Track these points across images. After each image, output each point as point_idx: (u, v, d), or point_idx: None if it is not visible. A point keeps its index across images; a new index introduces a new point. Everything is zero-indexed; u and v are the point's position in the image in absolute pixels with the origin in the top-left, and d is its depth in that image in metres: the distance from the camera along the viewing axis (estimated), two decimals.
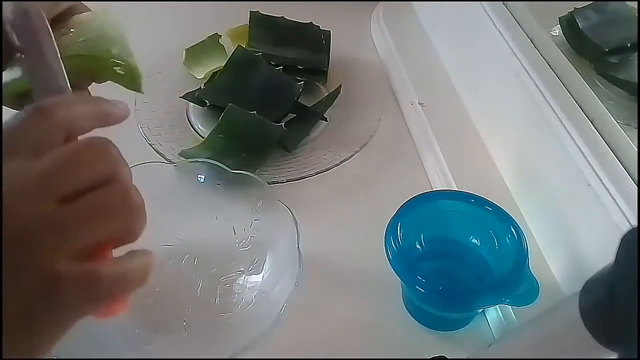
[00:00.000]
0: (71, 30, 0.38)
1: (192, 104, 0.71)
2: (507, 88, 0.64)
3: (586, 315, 0.34)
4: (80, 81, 0.38)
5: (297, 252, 0.51)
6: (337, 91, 0.72)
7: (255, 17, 0.78)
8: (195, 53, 0.76)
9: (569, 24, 0.70)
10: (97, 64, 0.38)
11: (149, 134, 0.65)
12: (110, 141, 0.30)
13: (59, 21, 0.38)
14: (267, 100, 0.69)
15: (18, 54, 0.36)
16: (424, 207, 0.53)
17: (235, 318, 0.52)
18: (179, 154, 0.63)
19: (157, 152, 0.63)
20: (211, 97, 0.69)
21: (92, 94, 0.39)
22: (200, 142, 0.66)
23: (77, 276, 0.27)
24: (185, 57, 0.76)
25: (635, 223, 0.45)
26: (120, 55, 0.38)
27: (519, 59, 0.61)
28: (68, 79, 0.35)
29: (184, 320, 0.52)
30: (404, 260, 0.48)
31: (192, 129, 0.69)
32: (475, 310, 0.52)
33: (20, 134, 0.29)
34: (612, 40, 0.67)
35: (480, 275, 0.53)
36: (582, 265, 0.51)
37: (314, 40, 0.78)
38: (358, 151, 0.65)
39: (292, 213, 0.54)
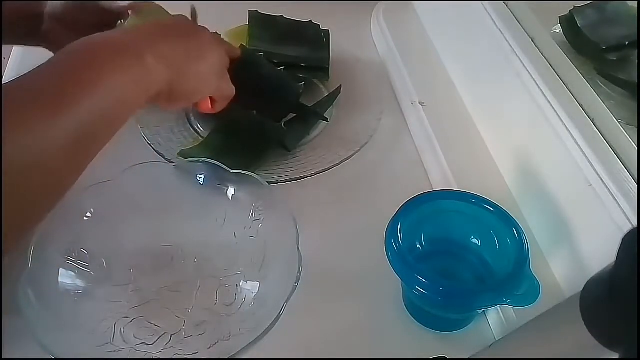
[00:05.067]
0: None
1: None
2: (507, 87, 0.64)
3: (587, 315, 0.34)
4: None
5: (297, 253, 0.51)
6: (337, 91, 0.72)
7: (254, 16, 0.78)
8: None
9: (568, 23, 0.70)
10: None
11: (149, 133, 0.65)
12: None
13: None
14: (267, 100, 0.68)
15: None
16: (424, 207, 0.53)
17: (235, 318, 0.52)
18: (179, 154, 0.62)
19: (157, 152, 0.63)
20: None
21: None
22: (200, 141, 0.66)
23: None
24: None
25: (636, 223, 0.45)
26: None
27: (519, 58, 0.60)
28: None
29: (184, 320, 0.52)
30: (404, 261, 0.48)
31: (191, 128, 0.69)
32: (475, 310, 0.52)
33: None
34: (611, 38, 0.67)
35: (481, 275, 0.53)
36: (583, 265, 0.51)
37: (314, 38, 0.78)
38: (358, 151, 0.65)
39: (292, 213, 0.54)
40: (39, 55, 0.77)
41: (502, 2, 0.68)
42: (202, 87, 0.53)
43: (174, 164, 0.60)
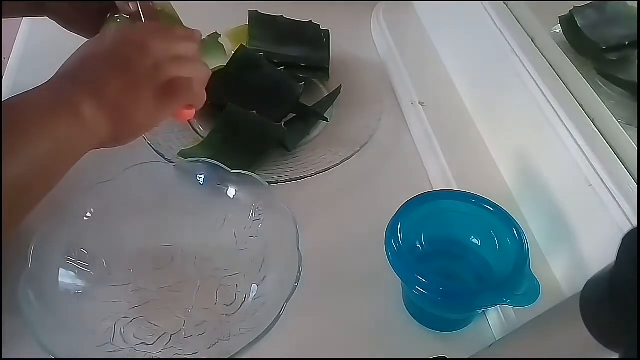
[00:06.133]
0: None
1: None
2: (507, 87, 0.64)
3: (587, 315, 0.34)
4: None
5: (297, 253, 0.51)
6: (337, 91, 0.72)
7: (254, 16, 0.78)
8: None
9: (568, 23, 0.70)
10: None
11: (149, 133, 0.65)
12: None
13: None
14: (267, 100, 0.68)
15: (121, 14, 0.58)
16: (424, 207, 0.53)
17: (234, 318, 0.52)
18: (179, 154, 0.62)
19: (157, 151, 0.63)
20: (211, 96, 0.69)
21: None
22: (200, 141, 0.66)
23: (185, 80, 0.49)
24: None
25: (636, 223, 0.45)
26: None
27: (519, 58, 0.60)
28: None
29: (184, 320, 0.52)
30: (404, 260, 0.48)
31: (191, 128, 0.69)
32: (475, 310, 0.52)
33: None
34: (611, 38, 0.68)
35: (481, 275, 0.53)
36: (583, 265, 0.51)
37: (314, 38, 0.78)
38: (358, 151, 0.65)
39: (292, 213, 0.54)
40: (38, 56, 0.77)
41: (502, 2, 0.68)
42: (149, 120, 0.49)
43: (174, 164, 0.60)
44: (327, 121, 0.70)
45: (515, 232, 0.50)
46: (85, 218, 0.55)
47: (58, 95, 0.43)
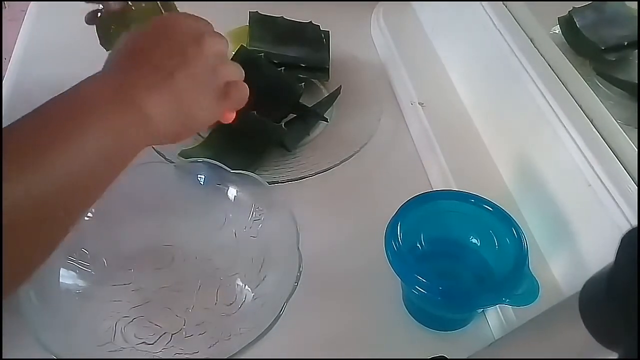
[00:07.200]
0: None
1: None
2: (507, 88, 0.64)
3: (586, 315, 0.34)
4: None
5: (297, 252, 0.51)
6: (337, 91, 0.73)
7: (254, 17, 0.79)
8: None
9: (567, 23, 0.70)
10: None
11: None
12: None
13: None
14: (267, 100, 0.68)
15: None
16: (424, 207, 0.53)
17: (235, 318, 0.52)
18: (179, 154, 0.62)
19: (157, 151, 0.63)
20: None
21: None
22: (200, 141, 0.66)
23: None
24: None
25: (635, 223, 0.45)
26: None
27: (518, 59, 0.61)
28: None
29: (184, 320, 0.52)
30: (404, 261, 0.48)
31: None
32: (475, 310, 0.52)
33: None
34: (610, 38, 0.68)
35: (480, 275, 0.53)
36: (582, 265, 0.51)
37: (314, 39, 0.78)
38: (358, 151, 0.65)
39: (292, 213, 0.54)
40: (39, 57, 0.77)
41: (501, 2, 0.68)
42: (207, 120, 0.47)
43: (174, 164, 0.60)
44: (327, 121, 0.70)
45: (514, 232, 0.50)
46: (85, 218, 0.55)
47: (118, 88, 0.41)
